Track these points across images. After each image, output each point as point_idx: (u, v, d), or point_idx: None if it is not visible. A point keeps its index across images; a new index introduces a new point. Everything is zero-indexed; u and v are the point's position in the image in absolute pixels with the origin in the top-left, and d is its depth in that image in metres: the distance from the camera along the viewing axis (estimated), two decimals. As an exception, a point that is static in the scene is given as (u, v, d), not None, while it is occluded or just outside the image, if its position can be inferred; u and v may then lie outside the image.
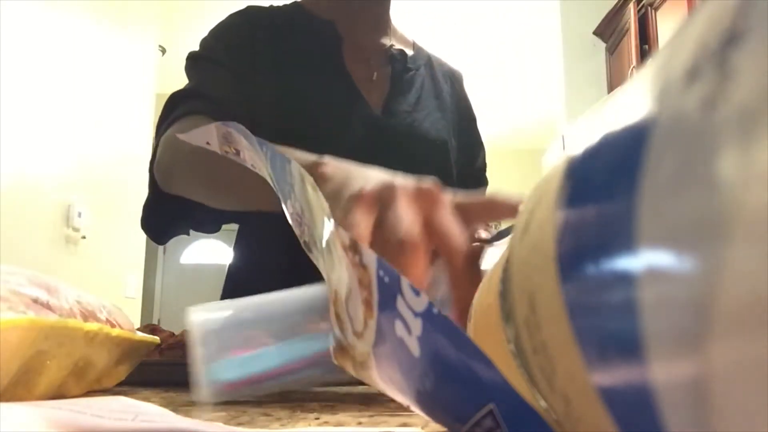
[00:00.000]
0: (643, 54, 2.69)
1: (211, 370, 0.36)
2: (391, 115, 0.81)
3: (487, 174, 0.98)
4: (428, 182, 0.41)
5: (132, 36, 2.75)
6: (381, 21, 0.87)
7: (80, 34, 2.40)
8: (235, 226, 0.85)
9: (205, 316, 0.38)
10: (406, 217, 0.37)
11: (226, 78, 0.76)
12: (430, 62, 0.93)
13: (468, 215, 0.41)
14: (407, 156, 0.79)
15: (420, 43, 0.94)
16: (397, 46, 0.88)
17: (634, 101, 0.11)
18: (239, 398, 0.38)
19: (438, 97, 0.89)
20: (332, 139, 0.76)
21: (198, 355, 0.36)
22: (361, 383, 0.37)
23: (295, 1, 0.88)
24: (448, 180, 0.83)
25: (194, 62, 0.79)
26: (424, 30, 3.02)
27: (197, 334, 0.37)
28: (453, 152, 0.86)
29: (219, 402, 0.37)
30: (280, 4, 0.88)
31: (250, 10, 0.84)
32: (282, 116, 0.76)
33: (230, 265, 0.85)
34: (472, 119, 0.96)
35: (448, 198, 0.41)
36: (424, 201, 0.39)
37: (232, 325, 0.38)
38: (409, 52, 0.89)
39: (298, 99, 0.77)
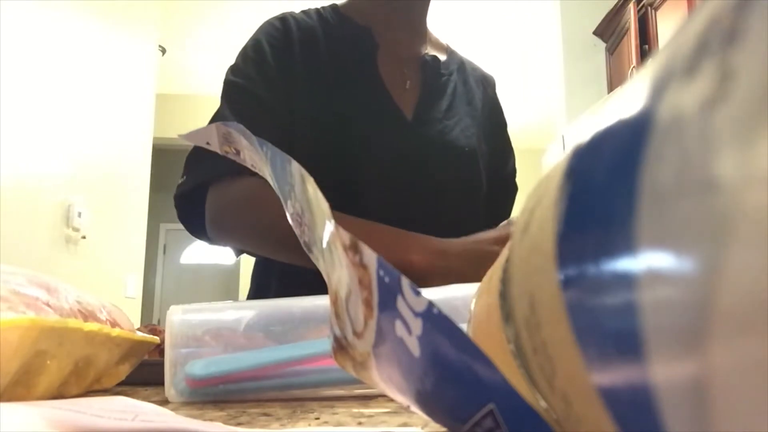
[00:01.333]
0: (643, 54, 2.69)
1: (185, 366, 0.37)
2: (422, 123, 0.81)
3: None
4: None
5: (132, 36, 2.75)
6: (417, 27, 0.87)
7: (80, 34, 2.40)
8: None
9: (182, 314, 0.38)
10: None
11: (261, 113, 0.75)
12: (463, 67, 0.92)
13: None
14: (437, 163, 0.80)
15: (453, 47, 0.94)
16: (431, 52, 0.88)
17: (634, 101, 0.11)
18: (210, 399, 0.38)
19: (470, 102, 0.89)
20: (365, 146, 0.76)
21: (172, 352, 0.37)
22: (361, 383, 0.37)
23: (334, 4, 0.88)
24: (476, 187, 0.84)
25: (228, 95, 0.78)
26: (424, 30, 3.02)
27: (173, 331, 0.37)
28: (483, 158, 0.86)
29: (190, 401, 0.37)
30: (317, 5, 0.87)
31: (286, 20, 0.82)
32: (316, 125, 0.76)
33: (254, 269, 0.86)
34: (503, 125, 0.96)
35: None
36: None
37: (209, 324, 0.38)
38: (442, 57, 0.89)
39: (331, 107, 0.77)
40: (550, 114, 3.87)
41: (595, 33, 3.10)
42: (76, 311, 0.34)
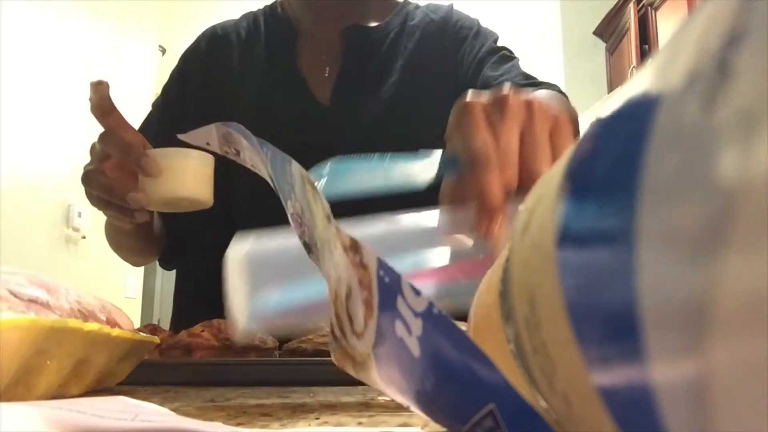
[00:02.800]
0: (643, 54, 2.70)
1: (255, 299, 0.34)
2: (337, 108, 0.77)
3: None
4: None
5: (132, 36, 2.75)
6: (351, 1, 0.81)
7: (80, 34, 2.40)
8: None
9: (248, 246, 0.36)
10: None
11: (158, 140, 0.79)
12: (415, 25, 0.82)
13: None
14: (351, 150, 0.75)
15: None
16: (368, 17, 0.81)
17: (634, 101, 0.11)
18: (281, 333, 0.36)
19: (404, 53, 0.80)
20: (275, 137, 0.74)
21: (240, 286, 0.34)
22: (361, 383, 0.37)
23: (273, 2, 0.87)
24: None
25: (153, 109, 0.86)
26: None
27: (241, 264, 0.35)
28: (403, 128, 0.77)
29: (265, 332, 0.34)
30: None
31: (215, 34, 0.85)
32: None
33: (174, 295, 0.90)
34: (449, 64, 0.80)
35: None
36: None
37: (278, 252, 0.36)
38: (377, 22, 0.81)
39: (246, 107, 0.78)
40: (550, 114, 3.86)
41: (595, 33, 3.10)
42: (76, 311, 0.34)
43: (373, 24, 0.82)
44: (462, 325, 0.48)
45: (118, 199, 0.61)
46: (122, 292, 2.64)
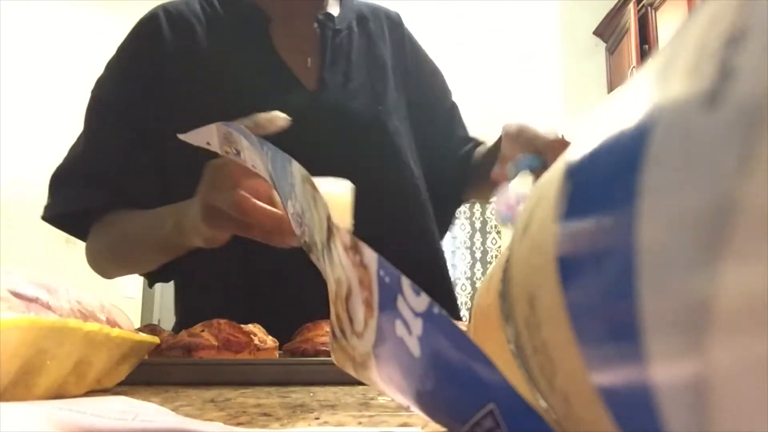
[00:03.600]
0: (643, 54, 2.70)
1: None
2: (322, 91, 0.77)
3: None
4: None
5: (132, 36, 2.75)
6: None
7: (80, 35, 2.40)
8: None
9: None
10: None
11: (117, 136, 0.75)
12: (362, 14, 0.87)
13: None
14: (339, 133, 0.77)
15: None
16: (327, 6, 0.82)
17: (634, 101, 0.11)
18: None
19: (375, 57, 0.84)
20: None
21: None
22: (361, 383, 0.37)
23: None
24: (387, 154, 0.80)
25: (88, 113, 0.78)
26: (423, 29, 3.02)
27: None
28: (399, 114, 0.82)
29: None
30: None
31: (155, 16, 0.80)
32: (199, 114, 0.73)
33: (178, 315, 0.84)
34: (423, 64, 0.90)
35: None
36: None
37: None
38: (335, 10, 0.83)
39: (225, 93, 0.75)
40: (550, 114, 3.87)
41: (595, 33, 3.10)
42: (76, 311, 0.34)
43: (335, 11, 0.83)
44: (462, 325, 0.49)
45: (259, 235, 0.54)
46: (122, 292, 2.64)
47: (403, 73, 0.86)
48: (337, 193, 0.57)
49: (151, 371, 0.46)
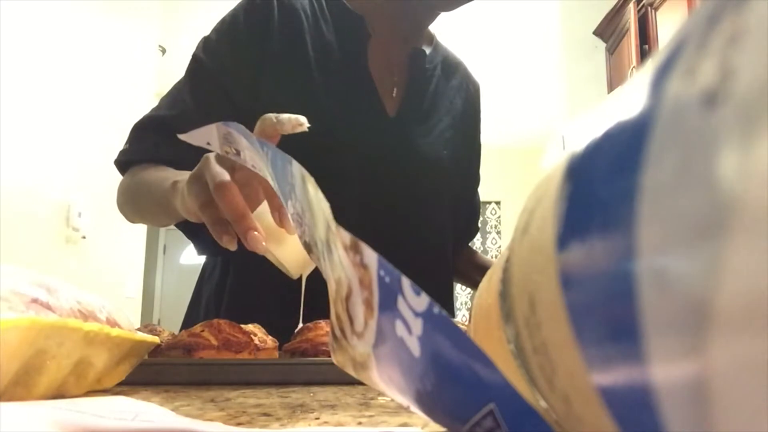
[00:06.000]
0: (643, 54, 2.69)
1: None
2: (403, 122, 0.80)
3: (488, 174, 0.99)
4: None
5: (132, 36, 2.75)
6: (414, 15, 0.83)
7: (80, 34, 2.40)
8: None
9: None
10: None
11: (221, 102, 0.74)
12: (447, 61, 0.90)
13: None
14: (409, 166, 0.80)
15: (439, 38, 0.92)
16: (420, 42, 0.85)
17: (634, 100, 0.11)
18: None
19: (451, 101, 0.87)
20: (342, 140, 0.75)
21: None
22: (361, 383, 0.37)
23: None
24: (438, 198, 0.83)
25: (192, 73, 0.77)
26: (424, 30, 3.02)
27: None
28: (451, 166, 0.85)
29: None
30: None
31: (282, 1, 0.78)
32: (286, 111, 0.73)
33: (230, 284, 0.81)
34: (477, 139, 0.95)
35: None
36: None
37: None
38: (427, 48, 0.86)
39: (309, 95, 0.75)
40: (550, 114, 3.87)
41: (595, 33, 3.10)
42: (76, 311, 0.34)
43: (427, 50, 0.86)
44: (462, 325, 0.49)
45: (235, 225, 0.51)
46: (122, 292, 2.64)
47: (465, 138, 0.90)
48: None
49: (151, 371, 0.46)
